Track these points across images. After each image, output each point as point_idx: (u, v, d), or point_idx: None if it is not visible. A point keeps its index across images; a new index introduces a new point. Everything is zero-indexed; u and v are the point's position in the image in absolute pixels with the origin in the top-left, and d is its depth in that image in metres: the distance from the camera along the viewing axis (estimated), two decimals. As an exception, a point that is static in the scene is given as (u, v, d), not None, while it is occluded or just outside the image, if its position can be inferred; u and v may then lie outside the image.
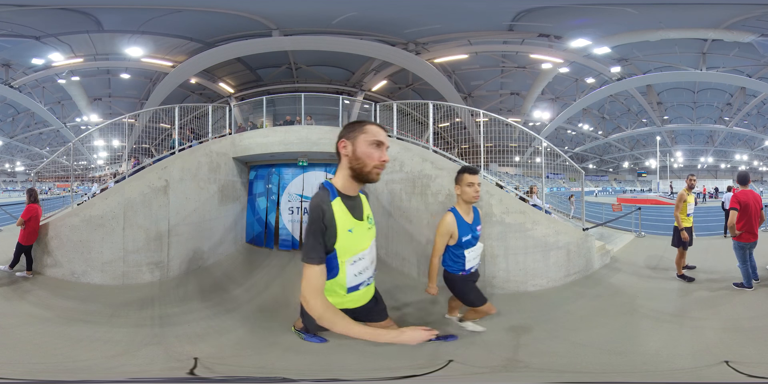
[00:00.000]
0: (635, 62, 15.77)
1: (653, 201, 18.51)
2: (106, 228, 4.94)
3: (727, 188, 10.61)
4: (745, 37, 12.45)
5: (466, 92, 17.58)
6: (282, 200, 7.43)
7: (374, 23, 12.14)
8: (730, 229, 4.18)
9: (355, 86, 16.87)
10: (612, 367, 2.73)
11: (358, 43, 13.18)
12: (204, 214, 6.10)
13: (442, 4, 11.07)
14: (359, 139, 1.54)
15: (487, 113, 6.21)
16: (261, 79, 16.31)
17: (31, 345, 3.13)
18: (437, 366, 2.71)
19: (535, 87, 17.77)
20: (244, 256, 6.75)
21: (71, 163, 6.25)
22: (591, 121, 23.62)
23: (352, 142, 1.55)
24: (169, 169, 5.55)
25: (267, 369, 2.83)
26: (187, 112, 7.46)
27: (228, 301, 4.53)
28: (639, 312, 3.75)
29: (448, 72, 15.92)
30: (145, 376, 2.68)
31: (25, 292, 4.37)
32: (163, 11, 11.01)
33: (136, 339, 3.35)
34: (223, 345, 3.32)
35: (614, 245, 6.67)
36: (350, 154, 1.54)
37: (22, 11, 10.55)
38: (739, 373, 2.47)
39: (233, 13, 11.30)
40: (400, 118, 6.84)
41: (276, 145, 6.58)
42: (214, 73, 15.62)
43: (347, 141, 1.56)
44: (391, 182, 6.08)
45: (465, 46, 13.98)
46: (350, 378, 2.68)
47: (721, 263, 5.18)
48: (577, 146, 26.08)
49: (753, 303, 3.84)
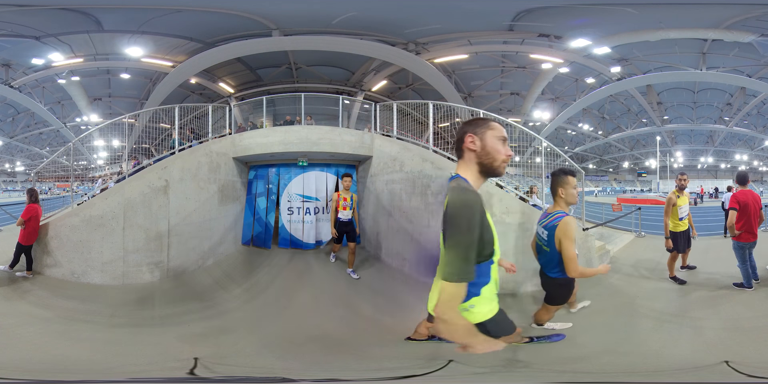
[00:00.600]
0: (635, 62, 15.76)
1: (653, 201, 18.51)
2: (106, 228, 4.93)
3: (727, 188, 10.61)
4: (745, 37, 12.44)
5: (466, 92, 17.57)
6: (282, 200, 7.43)
7: (374, 23, 12.13)
8: (730, 229, 4.17)
9: (355, 86, 16.86)
10: (612, 367, 2.73)
11: (358, 43, 13.17)
12: (204, 214, 6.10)
13: (442, 4, 11.06)
14: (487, 134, 1.54)
15: (487, 113, 6.22)
16: (261, 79, 16.30)
17: (31, 345, 3.13)
18: (437, 366, 2.71)
19: (535, 87, 17.76)
20: (245, 256, 6.75)
21: (71, 163, 6.25)
22: (591, 121, 23.61)
23: (481, 137, 1.54)
24: (169, 169, 5.55)
25: (267, 369, 2.83)
26: (187, 112, 7.46)
27: (228, 301, 4.53)
28: (639, 312, 3.75)
29: (448, 72, 15.92)
30: (145, 376, 2.67)
31: (25, 292, 4.36)
32: (163, 11, 11.00)
33: (136, 339, 3.35)
34: (223, 345, 3.32)
35: (614, 245, 6.67)
36: (479, 149, 1.53)
37: (22, 11, 10.55)
38: (739, 373, 2.47)
39: (233, 13, 11.29)
40: (400, 118, 6.84)
41: (276, 145, 6.58)
42: (214, 73, 15.61)
43: (475, 136, 1.54)
44: (391, 182, 6.07)
45: (465, 46, 13.97)
46: (350, 378, 2.68)
47: (721, 263, 5.17)
48: (577, 146, 26.06)
49: (753, 303, 3.83)
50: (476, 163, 1.56)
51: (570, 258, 2.49)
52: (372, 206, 6.90)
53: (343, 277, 5.62)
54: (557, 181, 2.68)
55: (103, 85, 16.51)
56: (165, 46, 13.30)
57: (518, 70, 16.45)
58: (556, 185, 2.69)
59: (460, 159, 1.59)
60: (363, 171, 7.43)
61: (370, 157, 6.78)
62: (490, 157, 1.53)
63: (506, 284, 4.57)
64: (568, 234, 2.51)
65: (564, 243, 2.51)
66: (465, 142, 1.56)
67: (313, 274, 5.89)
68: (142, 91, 16.49)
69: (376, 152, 6.65)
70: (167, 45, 13.19)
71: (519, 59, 15.66)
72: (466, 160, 1.57)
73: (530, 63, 15.85)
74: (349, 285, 5.33)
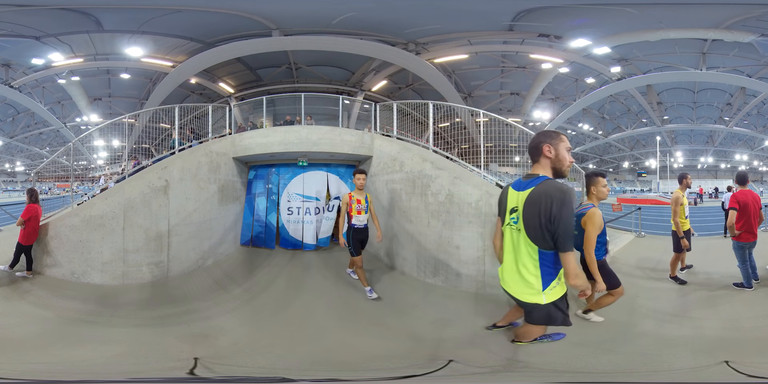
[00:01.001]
0: (635, 62, 15.76)
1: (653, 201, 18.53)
2: (106, 228, 4.93)
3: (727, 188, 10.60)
4: (745, 37, 12.44)
5: (466, 92, 17.58)
6: (281, 200, 7.43)
7: (374, 23, 12.13)
8: (730, 229, 4.18)
9: (355, 86, 16.87)
10: (612, 367, 2.73)
11: (358, 43, 13.18)
12: (204, 214, 6.10)
13: (442, 4, 11.06)
14: (560, 146, 2.06)
15: (487, 113, 6.21)
16: (261, 79, 16.31)
17: (31, 345, 3.12)
18: (437, 366, 2.71)
19: (535, 87, 17.76)
20: (245, 256, 6.74)
21: (71, 163, 6.25)
22: (591, 121, 23.62)
23: (555, 147, 2.05)
24: (169, 169, 5.55)
25: (267, 369, 2.83)
26: (187, 112, 7.45)
27: (228, 301, 4.53)
28: (639, 312, 3.75)
29: (448, 72, 15.92)
30: (145, 376, 2.67)
31: (25, 292, 4.36)
32: (163, 11, 11.01)
33: (136, 339, 3.35)
34: (223, 345, 3.32)
35: (614, 245, 6.67)
36: (554, 157, 2.04)
37: (22, 11, 10.55)
38: (739, 373, 2.46)
39: (233, 13, 11.29)
40: (400, 118, 6.83)
41: (276, 145, 6.57)
42: (214, 73, 15.62)
43: (552, 146, 2.04)
44: (391, 182, 6.07)
45: (465, 46, 13.97)
46: (350, 378, 2.67)
47: (721, 263, 5.17)
48: (577, 146, 26.07)
49: (753, 303, 3.83)
50: (551, 168, 2.06)
51: (589, 239, 2.97)
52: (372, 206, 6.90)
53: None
54: (590, 181, 3.31)
55: (103, 85, 16.53)
56: (165, 46, 13.30)
57: (518, 70, 16.45)
58: (589, 184, 3.30)
59: (536, 163, 2.09)
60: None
61: (370, 157, 6.78)
62: (560, 163, 2.05)
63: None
64: (593, 220, 2.98)
65: (588, 227, 2.99)
66: (543, 151, 2.05)
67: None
68: (142, 91, 16.51)
69: (376, 152, 6.65)
70: (167, 45, 13.20)
71: (519, 59, 15.66)
72: (543, 165, 2.07)
73: (530, 63, 15.86)
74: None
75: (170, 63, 14.22)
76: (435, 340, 3.34)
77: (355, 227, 4.67)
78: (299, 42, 12.99)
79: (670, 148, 26.51)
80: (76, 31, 12.02)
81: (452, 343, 3.26)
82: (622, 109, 22.26)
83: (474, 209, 4.69)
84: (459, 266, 4.73)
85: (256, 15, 11.56)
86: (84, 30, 11.91)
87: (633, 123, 23.66)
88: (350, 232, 4.67)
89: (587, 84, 18.04)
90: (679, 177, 4.89)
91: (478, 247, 4.63)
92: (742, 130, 23.03)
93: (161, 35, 12.51)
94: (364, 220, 4.75)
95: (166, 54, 13.79)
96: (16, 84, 15.32)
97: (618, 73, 16.43)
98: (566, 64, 15.71)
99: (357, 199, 4.71)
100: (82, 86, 16.39)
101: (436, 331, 3.54)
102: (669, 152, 26.82)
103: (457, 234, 4.77)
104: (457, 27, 12.58)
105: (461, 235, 4.73)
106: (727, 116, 21.84)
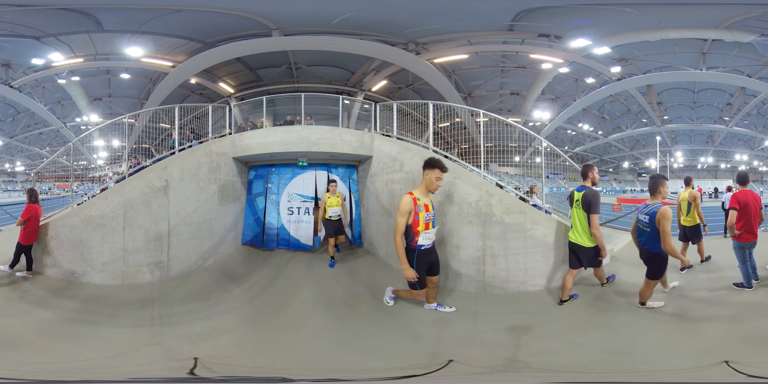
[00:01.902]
0: (635, 62, 15.77)
1: (653, 201, 18.44)
2: (106, 228, 4.93)
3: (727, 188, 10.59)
4: (745, 37, 12.45)
5: (466, 92, 17.57)
6: (281, 200, 7.42)
7: (374, 23, 12.13)
8: (730, 229, 4.17)
9: (355, 86, 16.86)
10: (612, 367, 2.73)
11: (358, 43, 13.18)
12: (204, 214, 6.09)
13: (442, 4, 11.07)
14: (595, 171, 4.12)
15: (487, 113, 6.20)
16: (261, 79, 16.31)
17: (31, 345, 3.13)
18: (437, 366, 2.71)
19: (535, 87, 17.76)
20: (245, 256, 6.74)
21: (71, 163, 6.25)
22: (591, 121, 23.60)
23: (593, 173, 4.10)
24: (169, 169, 5.54)
25: (267, 369, 2.83)
26: (187, 112, 7.45)
27: (228, 301, 4.53)
28: (639, 312, 3.75)
29: (448, 72, 15.92)
30: (145, 376, 2.67)
31: (25, 292, 4.36)
32: (163, 11, 11.01)
33: (136, 339, 3.35)
34: (223, 345, 3.32)
35: (614, 245, 6.66)
36: (592, 178, 4.11)
37: (22, 11, 10.55)
38: (739, 373, 2.46)
39: (233, 13, 11.30)
40: (400, 118, 6.83)
41: (276, 145, 6.57)
42: (214, 73, 15.62)
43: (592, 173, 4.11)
44: (391, 182, 6.07)
45: (465, 46, 13.97)
46: (350, 378, 2.67)
47: (721, 263, 5.17)
48: (577, 146, 26.06)
49: (753, 303, 3.84)
50: (591, 182, 4.08)
51: (666, 233, 3.39)
52: (372, 206, 6.90)
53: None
54: (658, 183, 3.70)
55: (103, 85, 16.52)
56: (165, 46, 13.30)
57: (518, 70, 16.45)
58: (657, 185, 3.68)
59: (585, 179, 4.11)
60: (363, 171, 7.43)
61: (370, 157, 6.78)
62: (596, 181, 4.10)
63: (504, 283, 4.58)
64: (666, 216, 3.42)
65: (662, 223, 3.41)
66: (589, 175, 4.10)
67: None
68: (142, 91, 16.50)
69: (376, 152, 6.64)
70: (167, 45, 13.20)
71: (519, 59, 15.66)
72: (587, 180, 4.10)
73: (530, 63, 15.86)
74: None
75: (170, 63, 14.22)
76: (435, 339, 3.34)
77: (421, 249, 3.34)
78: (299, 42, 12.99)
79: (670, 148, 26.48)
80: (76, 31, 12.02)
81: (452, 343, 3.26)
82: (622, 109, 22.25)
83: (474, 209, 4.68)
84: (459, 266, 4.73)
85: (256, 15, 11.56)
86: (84, 30, 11.91)
87: (633, 123, 23.64)
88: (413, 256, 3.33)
89: (587, 84, 18.04)
90: (685, 179, 5.70)
91: (477, 247, 4.63)
92: (742, 130, 23.01)
93: (161, 35, 12.51)
94: (433, 237, 3.49)
95: (166, 54, 13.79)
96: (16, 84, 15.32)
97: (618, 73, 16.44)
98: (566, 64, 15.71)
99: (425, 205, 3.40)
100: (82, 86, 16.39)
101: (436, 331, 3.54)
102: (669, 152, 26.79)
103: (456, 234, 4.77)
104: (457, 27, 12.58)
105: (461, 235, 4.73)
106: (727, 116, 21.83)
